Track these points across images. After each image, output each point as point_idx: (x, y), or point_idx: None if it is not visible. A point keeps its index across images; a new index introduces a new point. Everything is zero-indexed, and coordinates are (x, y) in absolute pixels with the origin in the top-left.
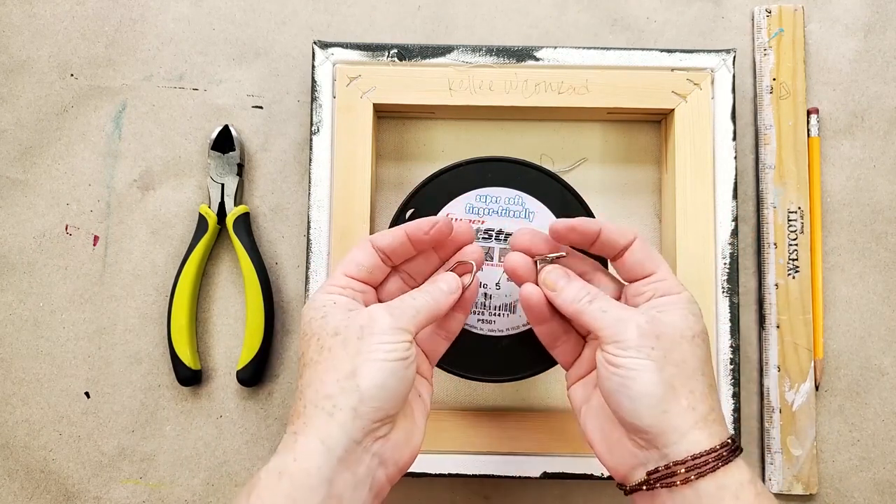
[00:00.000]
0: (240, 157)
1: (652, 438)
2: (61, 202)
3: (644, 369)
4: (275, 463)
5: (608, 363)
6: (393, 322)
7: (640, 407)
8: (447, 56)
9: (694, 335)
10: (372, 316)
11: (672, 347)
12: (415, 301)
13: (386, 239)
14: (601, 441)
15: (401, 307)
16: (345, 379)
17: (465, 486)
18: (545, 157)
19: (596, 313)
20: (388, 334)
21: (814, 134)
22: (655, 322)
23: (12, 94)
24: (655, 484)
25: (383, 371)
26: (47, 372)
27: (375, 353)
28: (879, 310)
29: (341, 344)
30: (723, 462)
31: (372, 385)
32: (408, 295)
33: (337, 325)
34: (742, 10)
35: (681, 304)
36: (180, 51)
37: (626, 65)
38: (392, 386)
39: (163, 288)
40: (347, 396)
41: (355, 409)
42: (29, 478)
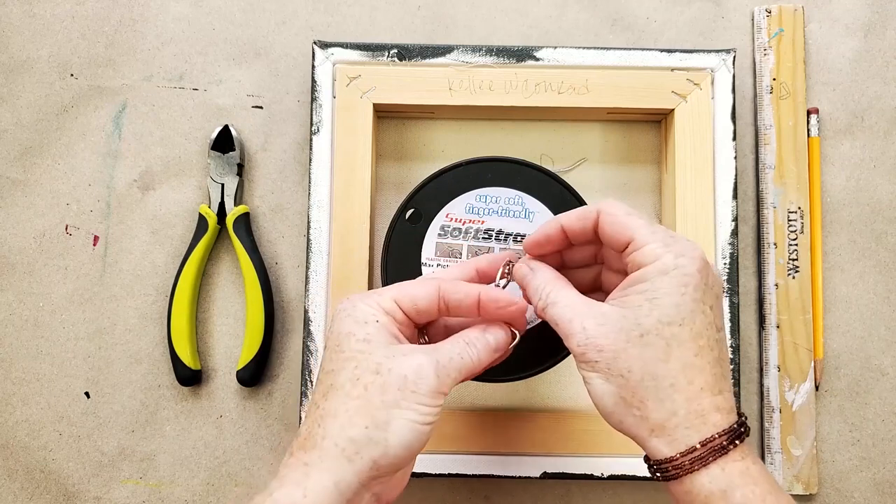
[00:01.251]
0: (240, 157)
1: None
2: (61, 202)
3: (592, 382)
4: (282, 495)
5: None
6: (437, 385)
7: (603, 415)
8: (447, 56)
9: (643, 334)
10: (418, 371)
11: (615, 356)
12: (462, 360)
13: (458, 294)
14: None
15: (447, 366)
16: (374, 428)
17: (465, 486)
18: (545, 157)
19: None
20: (430, 397)
21: (814, 134)
22: (600, 329)
23: (12, 94)
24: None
25: (414, 433)
26: (47, 372)
27: (412, 413)
28: (879, 310)
29: (379, 388)
30: (684, 472)
31: (400, 444)
32: (458, 346)
33: (379, 364)
34: (742, 10)
35: (644, 284)
36: (180, 51)
37: (626, 65)
38: (416, 448)
39: (163, 288)
40: (373, 448)
41: (375, 461)
42: (29, 478)
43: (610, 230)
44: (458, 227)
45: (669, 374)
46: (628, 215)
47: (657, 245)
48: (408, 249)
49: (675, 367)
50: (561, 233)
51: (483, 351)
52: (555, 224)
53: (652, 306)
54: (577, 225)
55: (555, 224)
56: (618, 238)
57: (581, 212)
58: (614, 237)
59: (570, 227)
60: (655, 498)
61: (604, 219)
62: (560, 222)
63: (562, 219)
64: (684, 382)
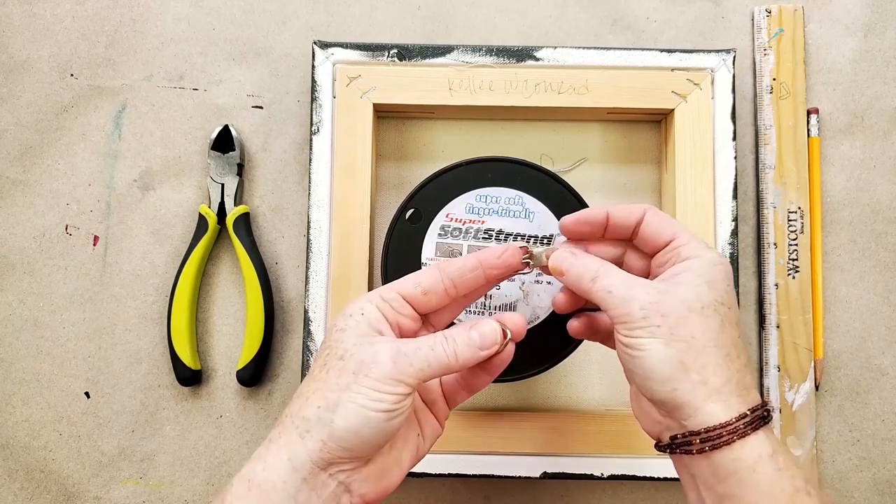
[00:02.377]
0: (240, 157)
1: (668, 411)
2: (61, 202)
3: (650, 348)
4: (247, 469)
5: (620, 342)
6: (393, 371)
7: (651, 384)
8: (447, 56)
9: (703, 306)
10: (375, 355)
11: (679, 323)
12: (432, 351)
13: (455, 264)
14: (636, 408)
15: (411, 355)
16: (325, 409)
17: (465, 486)
18: (545, 157)
19: (602, 294)
20: (381, 382)
21: (814, 134)
22: (662, 297)
23: (12, 94)
24: (676, 449)
25: (360, 417)
26: (47, 372)
27: (361, 396)
28: (879, 310)
29: (338, 371)
30: (738, 435)
31: (344, 428)
32: (430, 339)
33: (345, 349)
34: (742, 10)
35: (696, 270)
36: (180, 51)
37: (626, 65)
38: (365, 434)
39: (163, 288)
40: (320, 428)
41: (324, 442)
42: (29, 478)
43: (656, 225)
44: (459, 227)
45: (726, 345)
46: (670, 217)
47: (701, 244)
48: (408, 249)
49: (728, 340)
50: (604, 219)
51: (462, 346)
52: (601, 210)
53: (709, 287)
54: (623, 215)
55: (601, 210)
56: (662, 233)
57: (628, 206)
58: (659, 232)
59: (616, 216)
60: (655, 498)
61: (650, 216)
62: (608, 209)
63: (610, 207)
64: (734, 355)
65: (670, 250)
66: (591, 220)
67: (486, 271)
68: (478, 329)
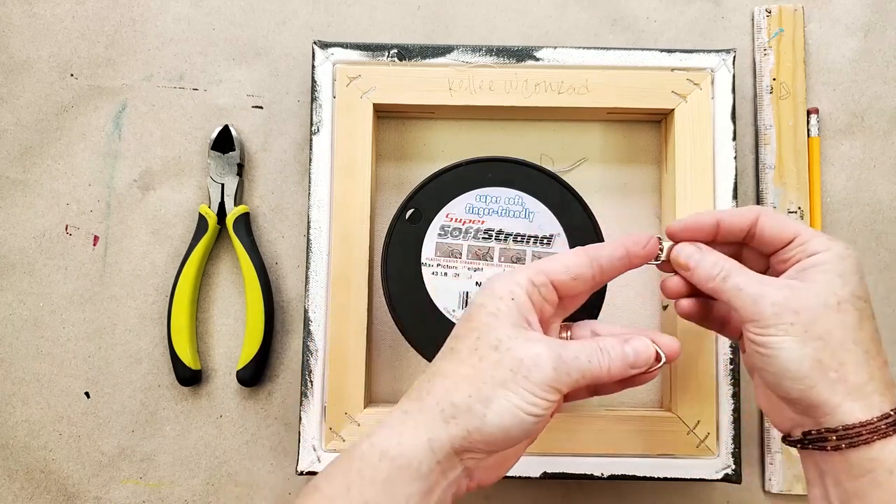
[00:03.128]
0: (240, 157)
1: (803, 409)
2: (61, 202)
3: (784, 347)
4: (380, 439)
5: (750, 341)
6: (553, 378)
7: (785, 382)
8: (447, 56)
9: (839, 301)
10: (536, 358)
11: (814, 320)
12: (589, 364)
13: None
14: (766, 403)
15: (570, 363)
16: (477, 400)
17: None
18: (545, 157)
19: (732, 292)
20: (539, 387)
21: (814, 134)
22: (794, 294)
23: (12, 94)
24: (808, 445)
25: (514, 418)
26: (47, 372)
27: (517, 397)
28: (879, 310)
29: (493, 363)
30: (879, 435)
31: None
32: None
33: (500, 340)
34: (742, 10)
35: (826, 265)
36: (180, 51)
37: (626, 65)
38: (514, 434)
39: (163, 288)
40: (470, 418)
41: (469, 433)
42: (29, 478)
43: (774, 226)
44: (458, 227)
45: (864, 342)
46: (786, 216)
47: (825, 237)
48: (408, 249)
49: (867, 336)
50: (714, 225)
51: (616, 360)
52: (710, 216)
53: (844, 281)
54: (734, 220)
55: (710, 216)
56: (782, 233)
57: (737, 209)
58: (779, 233)
59: (727, 221)
60: (655, 498)
61: (765, 219)
62: (716, 216)
63: (717, 213)
64: (874, 352)
65: (794, 248)
66: (700, 227)
67: (632, 260)
68: (632, 346)
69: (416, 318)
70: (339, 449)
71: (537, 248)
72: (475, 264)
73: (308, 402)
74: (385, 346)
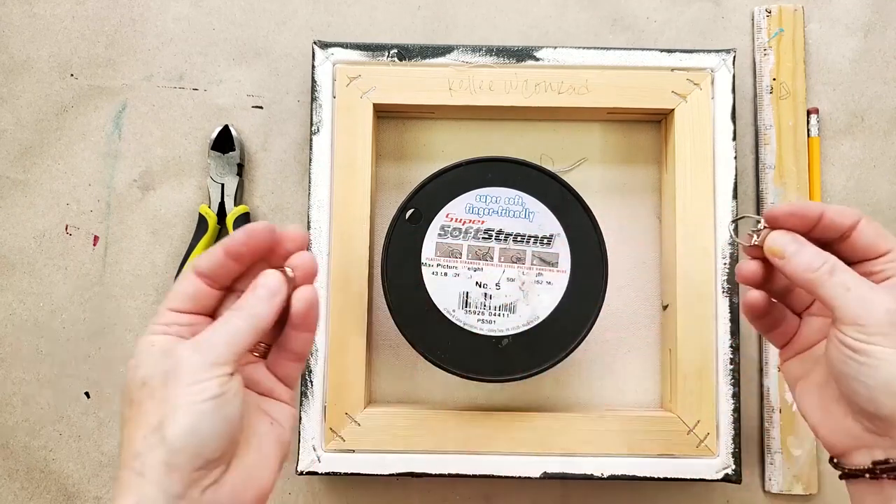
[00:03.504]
0: (240, 157)
1: (889, 428)
2: (61, 202)
3: (891, 359)
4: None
5: (845, 345)
6: (201, 359)
7: (881, 396)
8: (447, 56)
9: None
10: (177, 357)
11: None
12: (227, 325)
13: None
14: (820, 417)
15: (210, 338)
16: (151, 433)
17: (466, 486)
18: (545, 157)
19: (837, 289)
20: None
21: (814, 134)
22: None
23: (12, 94)
24: (882, 474)
25: (192, 415)
26: (47, 372)
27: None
28: None
29: (148, 395)
30: None
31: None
32: (220, 319)
33: (144, 375)
34: (742, 10)
35: None
36: (180, 51)
37: (626, 65)
38: (206, 429)
39: (163, 288)
40: (155, 452)
41: (167, 464)
42: (29, 478)
43: (873, 234)
44: (458, 227)
45: None
46: (884, 229)
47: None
48: (408, 249)
49: None
50: (818, 216)
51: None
52: (816, 207)
53: None
54: (838, 217)
55: (816, 207)
56: (878, 244)
57: (842, 208)
58: (875, 242)
59: (830, 217)
60: (655, 498)
61: (865, 225)
62: (822, 208)
63: (823, 206)
64: None
65: (886, 262)
66: (805, 213)
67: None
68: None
69: (416, 318)
70: (339, 449)
71: (537, 248)
72: (475, 264)
73: (308, 402)
74: (385, 346)
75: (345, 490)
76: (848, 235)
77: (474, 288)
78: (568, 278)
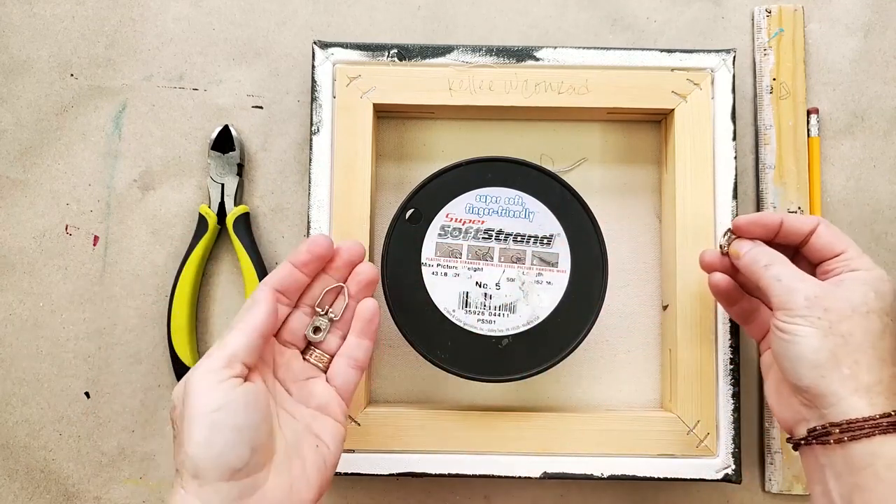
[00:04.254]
0: (240, 157)
1: (811, 398)
2: (61, 202)
3: (806, 335)
4: None
5: (776, 328)
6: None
7: (799, 368)
8: (447, 56)
9: (869, 311)
10: (189, 374)
11: (840, 319)
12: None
13: (273, 275)
14: (775, 400)
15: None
16: (180, 450)
17: (466, 486)
18: (545, 157)
19: (770, 280)
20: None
21: (814, 134)
22: (827, 294)
23: (12, 94)
24: (812, 440)
25: (203, 427)
26: (47, 372)
27: (195, 409)
28: None
29: (178, 416)
30: (880, 431)
31: (196, 447)
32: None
33: (174, 397)
34: (742, 10)
35: (865, 280)
36: (180, 51)
37: (626, 65)
38: (220, 440)
39: (163, 288)
40: (185, 467)
41: (195, 477)
42: (29, 478)
43: (829, 237)
44: (458, 227)
45: (884, 350)
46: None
47: (870, 261)
48: (408, 249)
49: (887, 346)
50: (777, 225)
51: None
52: (776, 216)
53: (877, 296)
54: (796, 224)
55: (776, 216)
56: (834, 245)
57: (801, 217)
58: (831, 244)
59: (789, 224)
60: (655, 498)
61: (823, 228)
62: (781, 216)
63: (783, 215)
64: (890, 362)
65: (840, 261)
66: (765, 222)
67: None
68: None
69: (416, 318)
70: None
71: (537, 248)
72: (475, 264)
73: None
74: (385, 346)
75: (345, 490)
76: (807, 240)
77: (474, 288)
78: (568, 278)
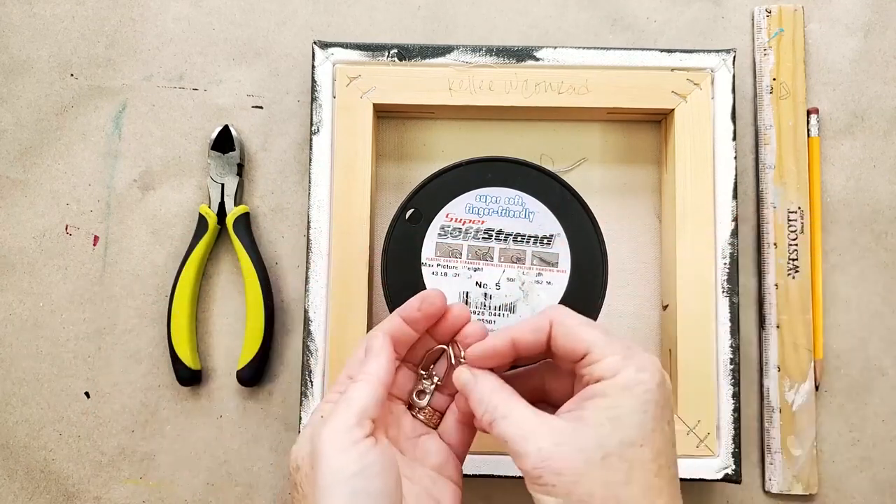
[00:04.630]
0: (240, 157)
1: None
2: (61, 202)
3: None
4: None
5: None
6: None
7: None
8: (447, 56)
9: (605, 455)
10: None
11: (576, 480)
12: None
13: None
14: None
15: (335, 409)
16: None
17: (466, 486)
18: (545, 157)
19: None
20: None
21: (814, 134)
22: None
23: (12, 94)
24: None
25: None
26: (47, 372)
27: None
28: (879, 310)
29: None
30: None
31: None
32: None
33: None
34: (742, 10)
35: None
36: (180, 51)
37: (626, 65)
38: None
39: (163, 288)
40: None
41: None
42: (29, 478)
43: (564, 342)
44: (458, 227)
45: (632, 498)
46: (582, 325)
47: (616, 358)
48: (408, 249)
49: (637, 490)
50: (510, 347)
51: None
52: (505, 337)
53: (614, 427)
54: (530, 338)
55: (505, 337)
56: (573, 350)
57: (533, 324)
58: (569, 349)
59: (522, 340)
60: None
61: (557, 330)
62: (511, 336)
63: (513, 332)
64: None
65: (585, 365)
66: (496, 352)
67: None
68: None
69: None
70: None
71: (537, 248)
72: (475, 264)
73: (308, 402)
74: None
75: None
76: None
77: (474, 288)
78: (568, 278)
